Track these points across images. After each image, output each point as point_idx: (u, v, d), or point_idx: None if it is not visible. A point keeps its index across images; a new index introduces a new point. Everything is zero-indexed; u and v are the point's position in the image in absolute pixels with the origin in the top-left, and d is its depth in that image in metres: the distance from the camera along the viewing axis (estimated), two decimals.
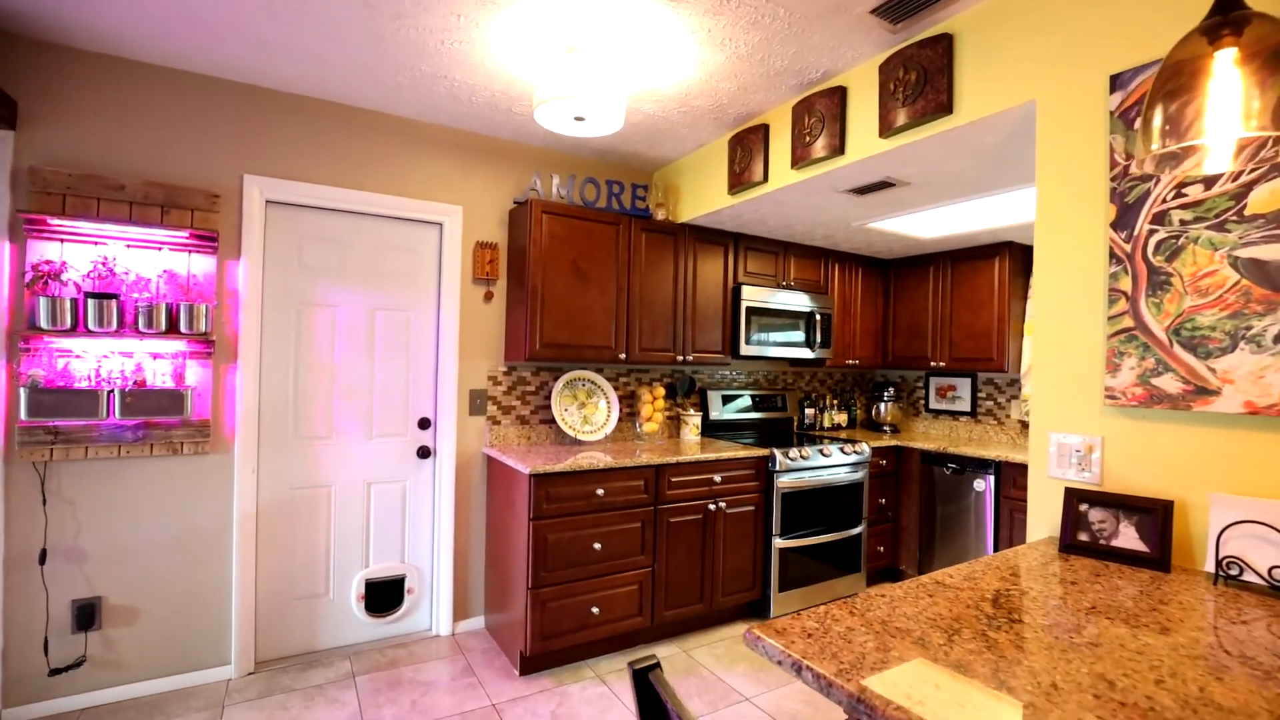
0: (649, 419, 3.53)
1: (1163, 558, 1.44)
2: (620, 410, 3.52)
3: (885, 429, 4.30)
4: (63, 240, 2.31)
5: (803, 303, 3.80)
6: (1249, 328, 1.36)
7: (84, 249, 2.34)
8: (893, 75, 2.15)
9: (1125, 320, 1.56)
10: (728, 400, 3.90)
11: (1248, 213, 1.37)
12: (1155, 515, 1.47)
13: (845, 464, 3.53)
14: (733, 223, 3.40)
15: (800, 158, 2.55)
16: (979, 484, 3.39)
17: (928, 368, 4.00)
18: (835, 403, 4.36)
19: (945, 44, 2.01)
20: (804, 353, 3.79)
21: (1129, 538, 1.50)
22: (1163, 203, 1.50)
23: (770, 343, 3.66)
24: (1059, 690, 0.88)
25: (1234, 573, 1.32)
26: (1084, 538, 1.56)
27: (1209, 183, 1.43)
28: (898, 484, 3.86)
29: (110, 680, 2.43)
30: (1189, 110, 1.07)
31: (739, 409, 3.93)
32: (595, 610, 2.77)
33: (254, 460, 2.66)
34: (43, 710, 2.31)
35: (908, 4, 1.96)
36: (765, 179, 2.78)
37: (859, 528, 3.61)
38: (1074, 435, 1.68)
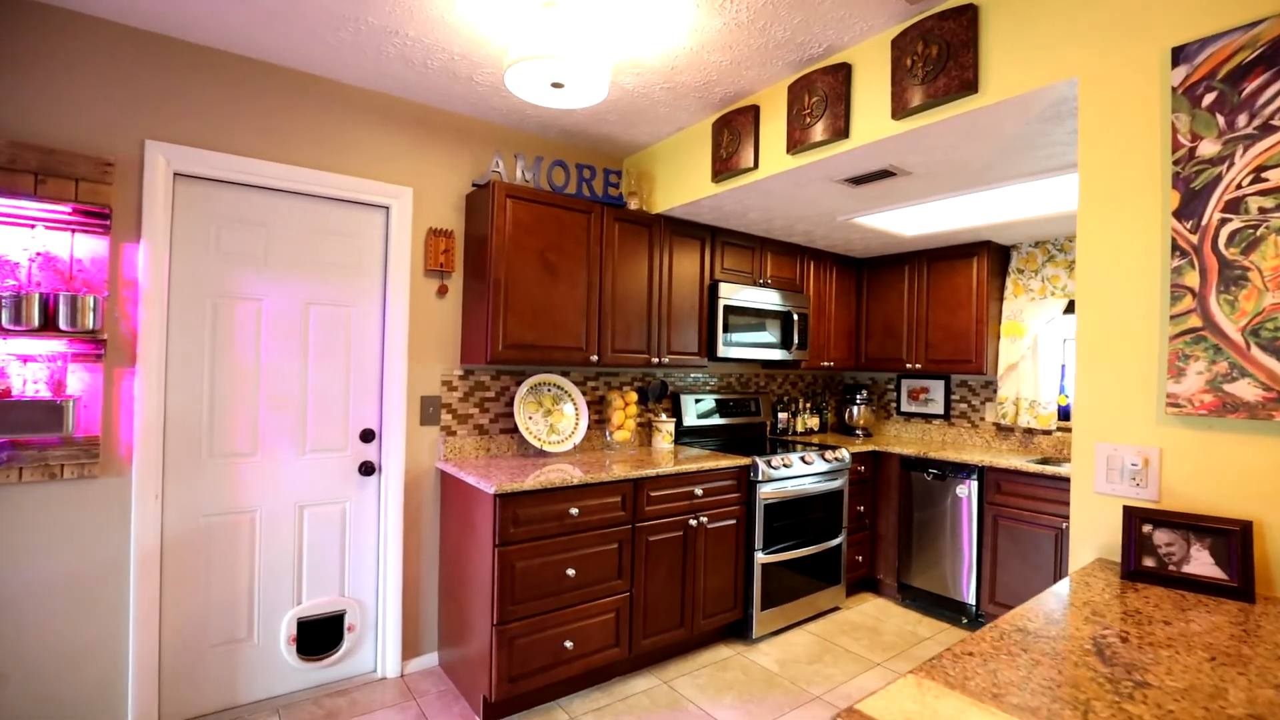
0: (620, 426, 3.24)
1: (1244, 586, 1.28)
2: (589, 417, 3.22)
3: (858, 433, 4.18)
4: None
5: (780, 302, 3.61)
6: None
7: None
8: (909, 50, 1.96)
9: (1192, 319, 1.40)
10: (701, 405, 3.67)
11: None
12: (1232, 538, 1.31)
13: (826, 472, 3.36)
14: (711, 215, 3.17)
15: (798, 141, 2.33)
16: (961, 489, 3.29)
17: (903, 370, 3.90)
18: (808, 406, 4.20)
19: (970, 15, 1.82)
20: (781, 354, 3.60)
21: (1202, 563, 1.34)
22: (1237, 188, 1.34)
23: (748, 343, 3.45)
24: None
25: None
26: (1150, 563, 1.38)
27: None
28: (875, 491, 3.73)
29: None
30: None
31: (712, 414, 3.70)
32: (569, 644, 2.46)
33: (157, 484, 2.21)
34: None
35: None
36: (755, 165, 2.55)
37: (839, 537, 3.44)
38: (1126, 447, 1.52)
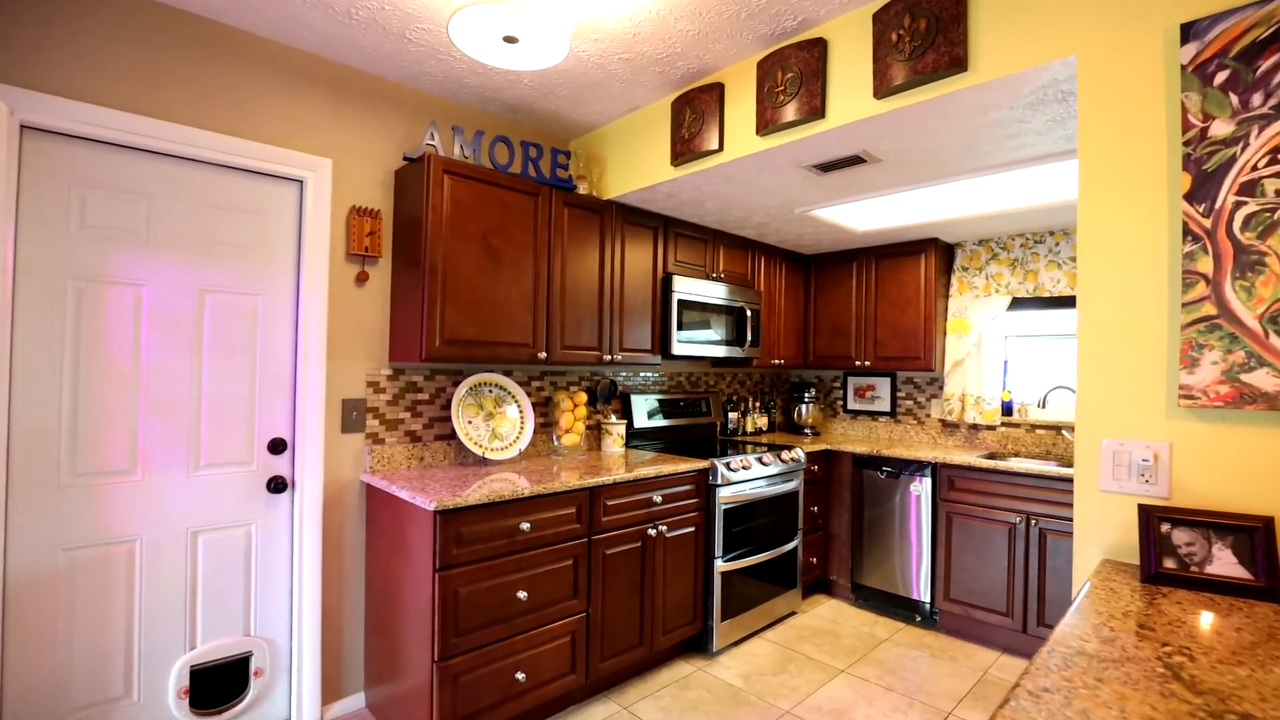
0: (569, 430, 2.99)
1: (1271, 586, 1.21)
2: (535, 421, 2.94)
3: (806, 432, 4.12)
4: None
5: (733, 297, 3.48)
6: None
7: None
8: (895, 24, 1.84)
9: (1205, 307, 1.34)
10: (652, 405, 3.47)
11: None
12: (1255, 535, 1.25)
13: (783, 473, 3.24)
14: (666, 203, 2.98)
15: (769, 121, 2.18)
16: (915, 487, 3.27)
17: (852, 367, 3.86)
18: (757, 405, 4.10)
19: None
20: (734, 351, 3.47)
21: (1225, 563, 1.27)
22: (1252, 170, 1.29)
23: (702, 340, 3.28)
24: None
25: None
26: (1171, 565, 1.30)
27: None
28: (827, 490, 3.66)
29: None
30: None
31: (663, 415, 3.51)
32: (520, 676, 2.19)
33: None
34: None
35: None
36: (720, 147, 2.38)
37: (795, 540, 3.34)
38: (1134, 442, 1.44)
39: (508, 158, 2.63)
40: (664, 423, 3.50)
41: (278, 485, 2.26)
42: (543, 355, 2.66)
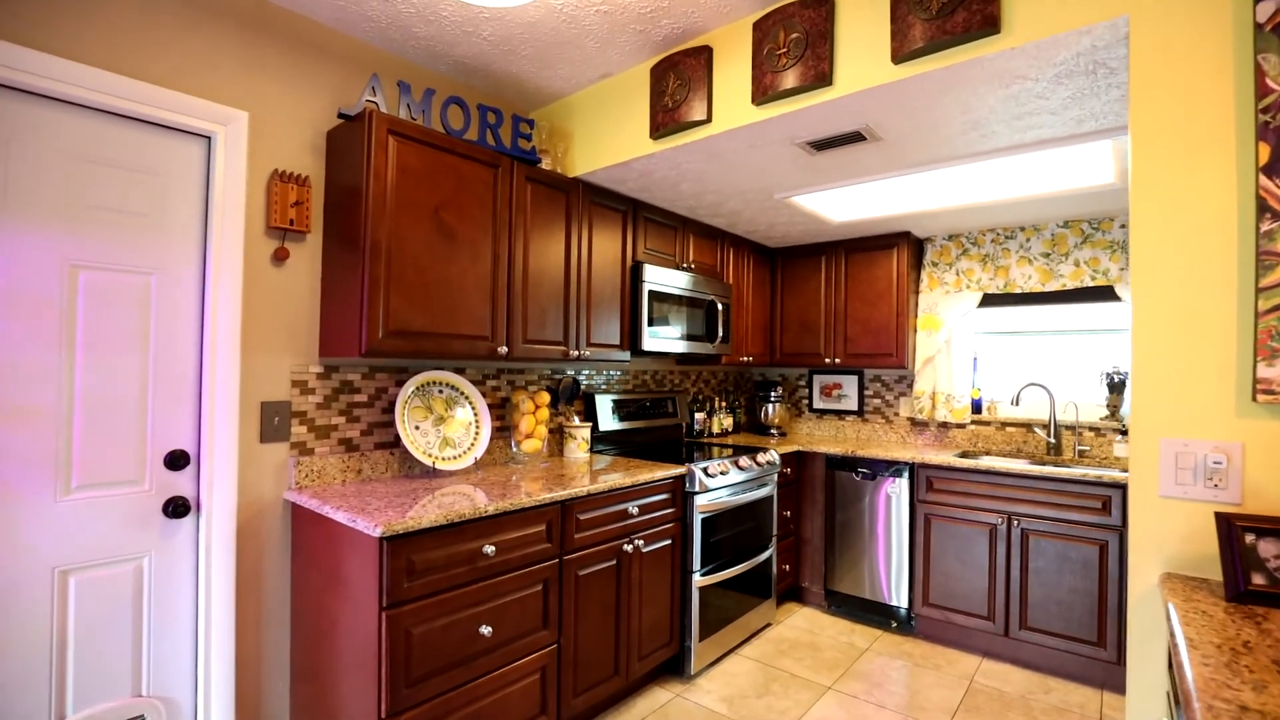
0: (529, 435, 2.67)
1: None
2: (491, 425, 2.60)
3: (773, 432, 3.95)
4: None
5: (704, 289, 3.25)
6: None
7: None
8: None
9: None
10: (618, 406, 3.19)
11: None
12: None
13: (758, 477, 3.05)
14: (638, 183, 2.71)
15: (767, 88, 1.95)
16: (891, 488, 3.15)
17: (821, 365, 3.72)
18: (723, 405, 3.90)
19: None
20: (704, 348, 3.24)
21: None
22: None
23: (673, 335, 3.04)
24: None
25: None
26: (1260, 581, 1.16)
27: None
28: (799, 493, 3.50)
29: None
30: None
31: (628, 416, 3.24)
32: None
33: None
34: None
35: None
36: (708, 118, 2.14)
37: (771, 547, 3.15)
38: (1200, 442, 1.30)
39: (463, 123, 2.28)
40: (629, 425, 3.23)
41: (178, 508, 1.84)
42: (503, 350, 2.33)
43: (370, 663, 1.67)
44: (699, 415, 3.72)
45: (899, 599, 3.12)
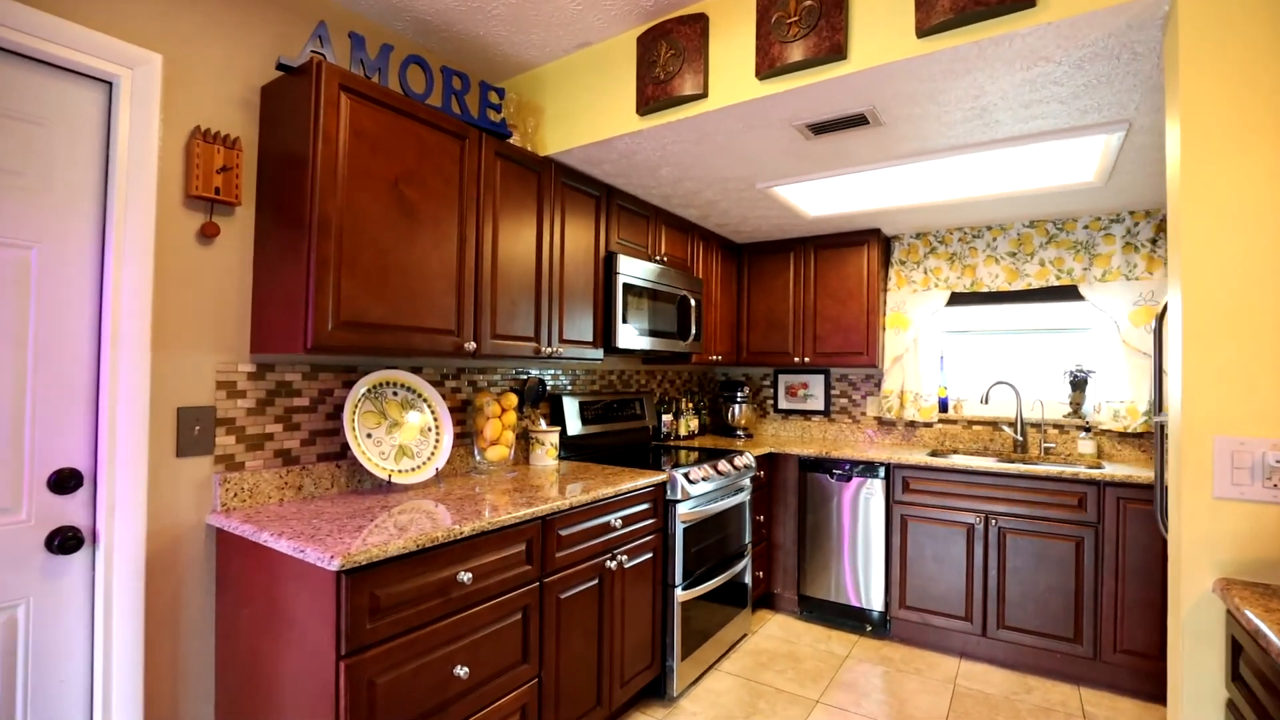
0: (495, 441, 2.40)
1: None
2: (453, 430, 2.32)
3: (739, 434, 3.83)
4: None
5: (676, 284, 3.07)
6: None
7: None
8: None
9: None
10: (585, 409, 2.96)
11: None
12: None
13: (736, 481, 2.90)
14: (617, 165, 2.50)
15: (774, 60, 1.80)
16: (867, 489, 3.08)
17: (790, 364, 3.63)
18: (690, 406, 3.74)
19: None
20: (676, 345, 3.06)
21: None
22: None
23: (648, 331, 2.84)
24: None
25: None
26: None
27: None
28: (770, 497, 3.39)
29: None
30: None
31: (596, 419, 3.02)
32: None
33: None
34: None
35: None
36: (704, 92, 1.96)
37: (747, 555, 3.01)
38: (1258, 440, 1.23)
39: (424, 86, 2.00)
40: (597, 429, 3.00)
41: (66, 541, 1.47)
42: (471, 346, 2.06)
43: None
44: (666, 417, 3.54)
45: (874, 602, 3.05)
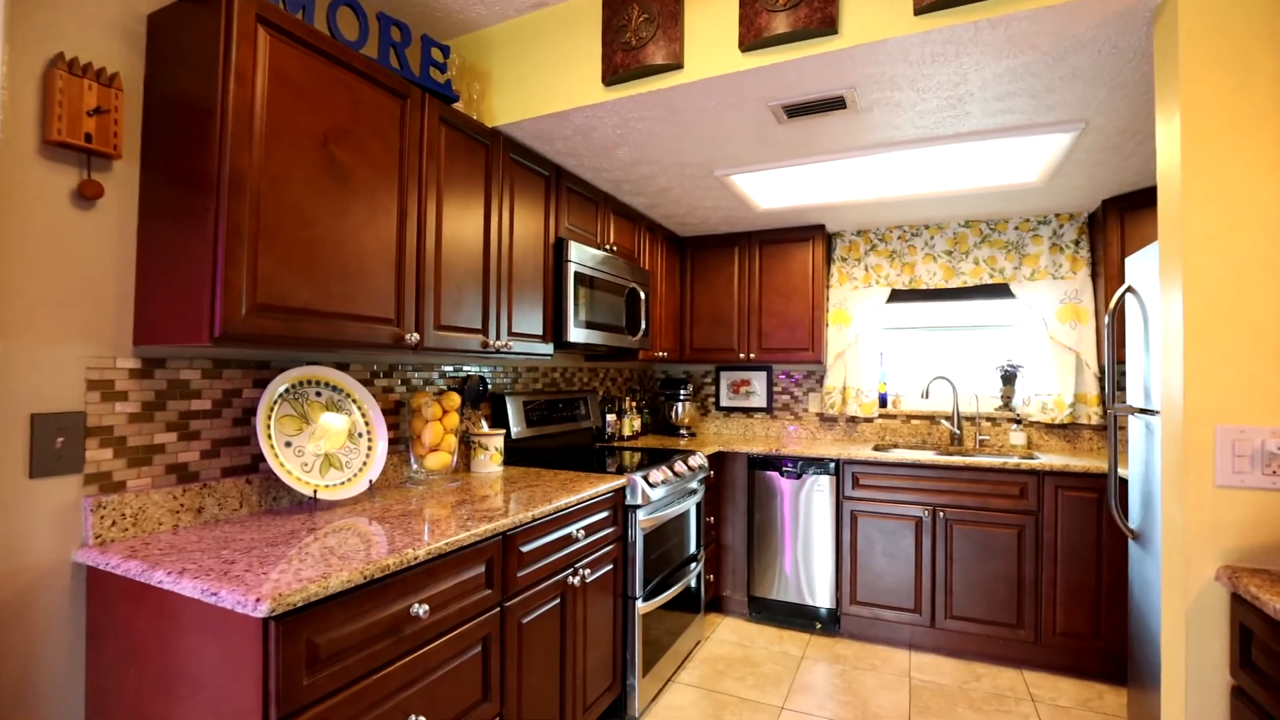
0: (436, 447, 2.13)
1: None
2: (388, 435, 2.01)
3: (683, 433, 3.71)
4: None
5: (626, 275, 2.90)
6: None
7: None
8: None
9: None
10: (529, 409, 2.73)
11: None
12: None
13: (691, 483, 2.77)
14: (571, 143, 2.29)
15: (759, 30, 1.67)
16: (817, 487, 3.05)
17: (734, 361, 3.56)
18: (634, 405, 3.58)
19: None
20: (626, 341, 2.89)
21: None
22: None
23: (599, 324, 2.65)
24: None
25: None
26: None
27: None
28: (719, 497, 3.29)
29: None
30: None
31: (540, 420, 2.79)
32: None
33: None
34: None
35: None
36: (679, 63, 1.81)
37: (700, 559, 2.90)
38: (1257, 428, 1.24)
39: (358, 33, 1.71)
40: (541, 430, 2.77)
41: None
42: (413, 338, 1.79)
43: None
44: (610, 417, 3.36)
45: (824, 599, 3.03)
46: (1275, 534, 1.24)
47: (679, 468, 2.63)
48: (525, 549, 1.76)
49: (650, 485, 2.36)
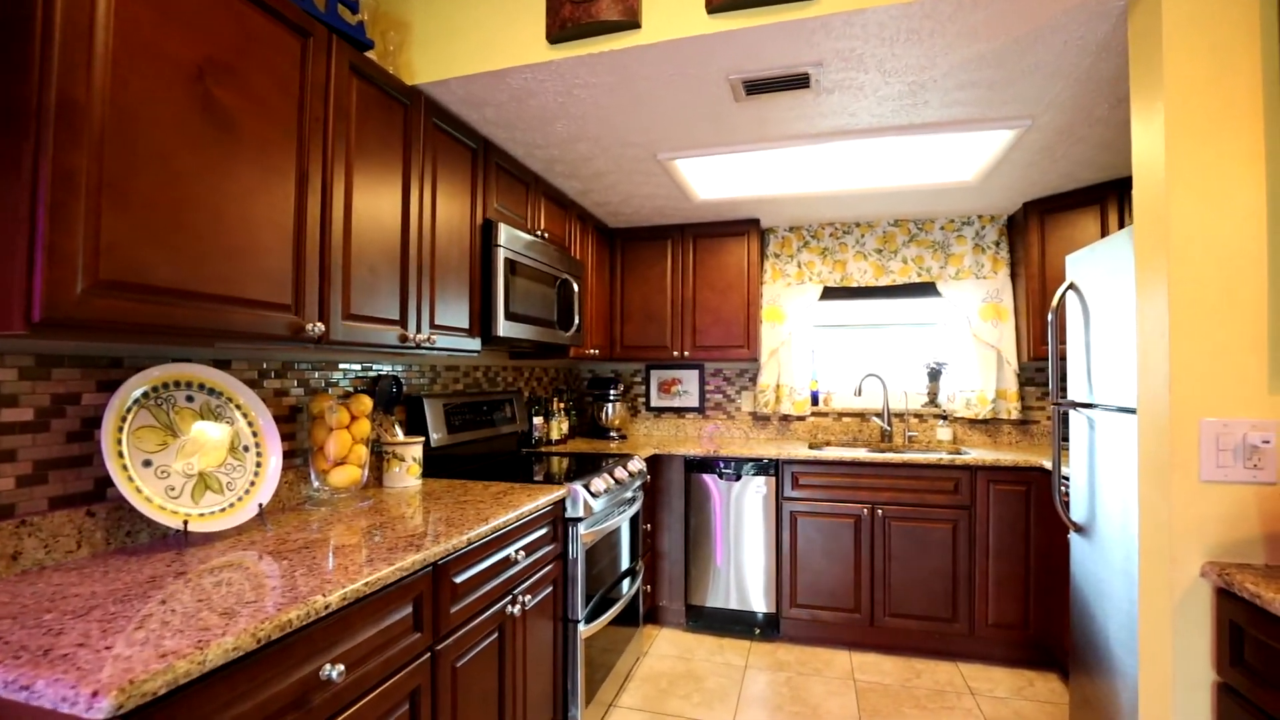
0: (343, 460, 1.79)
1: None
2: (280, 449, 1.66)
3: (612, 435, 3.51)
4: None
5: (558, 265, 2.66)
6: None
7: None
8: None
9: None
10: (451, 413, 2.42)
11: None
12: None
13: (631, 490, 2.58)
14: (504, 111, 2.03)
15: None
16: (757, 488, 2.96)
17: (667, 359, 3.41)
18: (561, 407, 3.33)
19: None
20: (558, 336, 2.65)
21: None
22: None
23: (526, 319, 2.39)
24: None
25: None
26: None
27: None
28: (654, 502, 3.12)
29: None
30: None
31: (463, 425, 2.49)
32: None
33: None
34: None
35: None
36: (636, 21, 1.61)
37: (640, 570, 2.71)
38: (1239, 421, 1.23)
39: None
40: (465, 436, 2.47)
41: None
42: (316, 329, 1.46)
43: None
44: (537, 420, 3.10)
45: (764, 604, 2.94)
46: (1255, 528, 1.23)
47: (620, 474, 2.43)
48: (459, 579, 1.49)
49: (593, 495, 2.14)
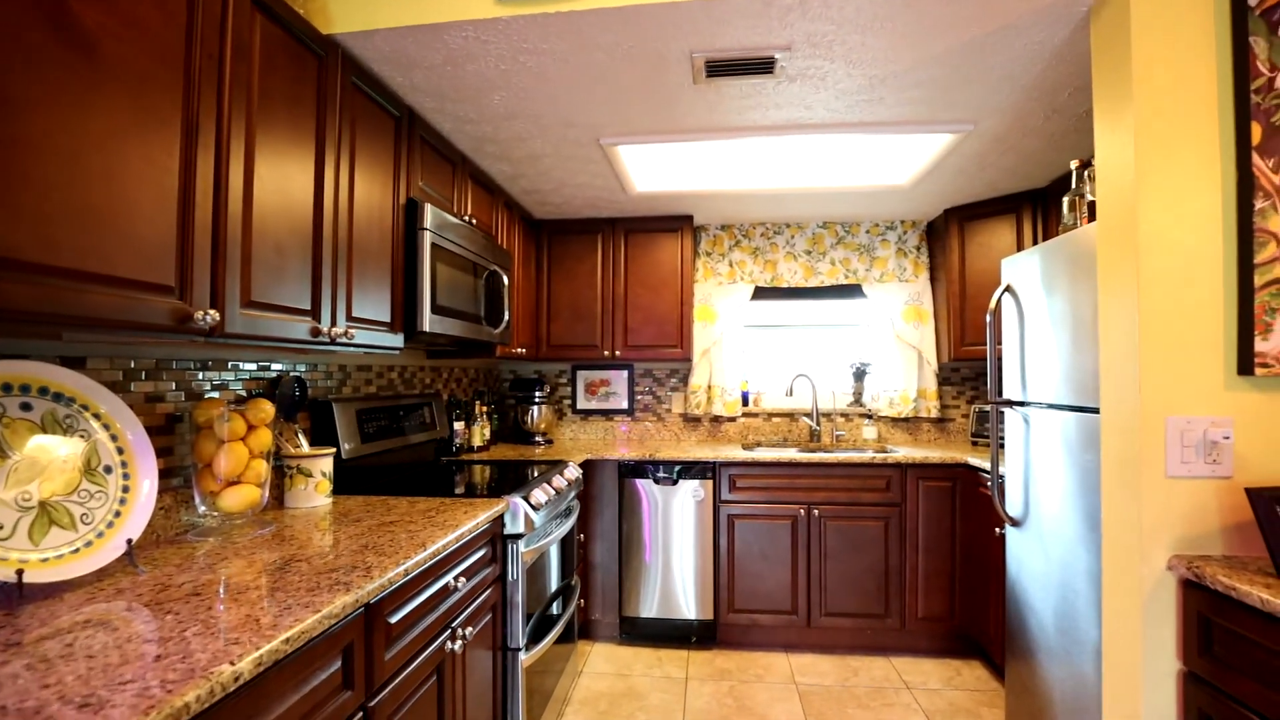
0: (237, 478, 1.48)
1: None
2: (156, 466, 1.33)
3: (538, 440, 3.30)
4: None
5: (488, 255, 2.42)
6: None
7: None
8: None
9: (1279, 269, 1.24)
10: (364, 419, 2.12)
11: None
12: None
13: (570, 499, 2.40)
14: (436, 76, 1.78)
15: None
16: (695, 493, 2.87)
17: (598, 358, 3.24)
18: (484, 411, 3.07)
19: None
20: (486, 333, 2.42)
21: None
22: None
23: (454, 312, 2.14)
24: None
25: None
26: None
27: None
28: (586, 510, 2.95)
29: None
30: None
31: (378, 433, 2.19)
32: None
33: None
34: None
35: None
36: None
37: (576, 585, 2.53)
38: (1200, 418, 1.27)
39: None
40: (380, 445, 2.18)
41: None
42: (209, 318, 1.17)
43: None
44: (458, 425, 2.83)
45: (699, 611, 2.86)
46: (1213, 521, 1.27)
47: (558, 483, 2.24)
48: (394, 619, 1.25)
49: (534, 508, 1.94)
